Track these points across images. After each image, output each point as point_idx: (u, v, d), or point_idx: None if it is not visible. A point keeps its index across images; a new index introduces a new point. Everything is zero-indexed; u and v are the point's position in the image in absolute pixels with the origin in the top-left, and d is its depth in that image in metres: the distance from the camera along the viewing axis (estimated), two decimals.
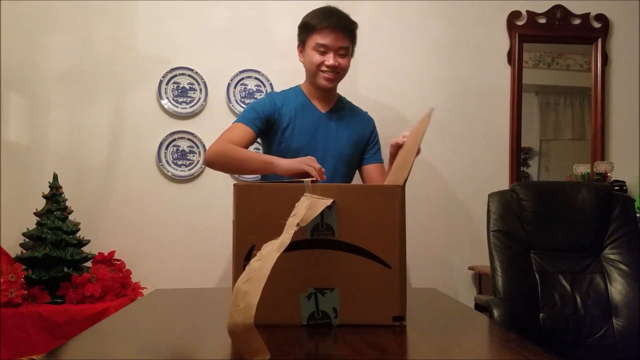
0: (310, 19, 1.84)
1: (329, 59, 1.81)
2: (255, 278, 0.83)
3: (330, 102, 1.96)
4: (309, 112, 1.90)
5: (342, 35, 1.81)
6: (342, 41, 1.82)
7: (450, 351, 0.95)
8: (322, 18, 1.81)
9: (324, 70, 1.83)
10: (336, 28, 1.80)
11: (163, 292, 1.58)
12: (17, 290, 2.01)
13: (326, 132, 1.90)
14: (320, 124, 1.90)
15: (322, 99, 1.93)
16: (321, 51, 1.81)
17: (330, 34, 1.79)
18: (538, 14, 2.69)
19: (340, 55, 1.83)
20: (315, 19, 1.81)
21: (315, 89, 1.91)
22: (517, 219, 1.85)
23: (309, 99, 1.92)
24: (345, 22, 1.83)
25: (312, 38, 1.82)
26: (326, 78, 1.84)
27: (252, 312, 0.79)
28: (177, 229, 2.51)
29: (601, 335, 1.71)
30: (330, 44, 1.80)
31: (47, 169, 2.35)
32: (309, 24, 1.83)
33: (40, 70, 2.49)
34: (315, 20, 1.81)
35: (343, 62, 1.84)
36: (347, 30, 1.83)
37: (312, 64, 1.83)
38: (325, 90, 1.90)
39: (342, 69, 1.85)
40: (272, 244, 0.90)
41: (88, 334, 1.03)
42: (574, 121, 2.80)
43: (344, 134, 1.93)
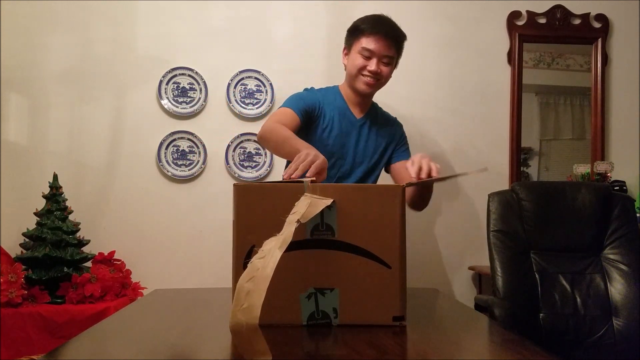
0: (362, 23, 1.84)
1: (372, 64, 1.80)
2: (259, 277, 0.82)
3: (365, 108, 1.95)
4: (346, 117, 1.90)
5: (389, 43, 1.81)
6: (388, 50, 1.81)
7: (450, 351, 0.95)
8: (373, 24, 1.81)
9: (365, 74, 1.82)
10: (384, 36, 1.80)
11: (163, 292, 1.58)
12: (17, 290, 2.01)
13: (358, 139, 1.90)
14: (354, 130, 1.90)
15: (358, 104, 1.93)
16: (366, 56, 1.80)
17: (377, 41, 1.79)
18: (538, 14, 2.69)
19: (383, 63, 1.82)
20: (366, 24, 1.82)
21: (353, 93, 1.91)
22: (517, 219, 1.85)
23: (347, 103, 1.92)
24: (394, 32, 1.83)
25: (359, 41, 1.82)
26: (366, 82, 1.83)
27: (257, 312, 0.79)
28: (177, 229, 2.51)
29: (601, 335, 1.71)
30: (375, 50, 1.79)
31: (47, 169, 2.35)
32: (359, 27, 1.83)
33: (40, 70, 2.49)
34: (366, 25, 1.81)
35: (385, 70, 1.83)
36: (395, 40, 1.83)
37: (355, 66, 1.83)
38: (363, 96, 1.90)
39: (383, 76, 1.84)
40: (274, 240, 0.90)
41: (88, 334, 1.03)
42: (574, 121, 2.80)
43: (373, 142, 1.93)
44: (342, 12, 2.61)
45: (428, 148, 2.62)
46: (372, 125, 1.95)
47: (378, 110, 2.03)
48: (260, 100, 2.56)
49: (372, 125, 1.95)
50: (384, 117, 2.03)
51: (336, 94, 1.94)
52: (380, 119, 2.00)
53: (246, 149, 2.55)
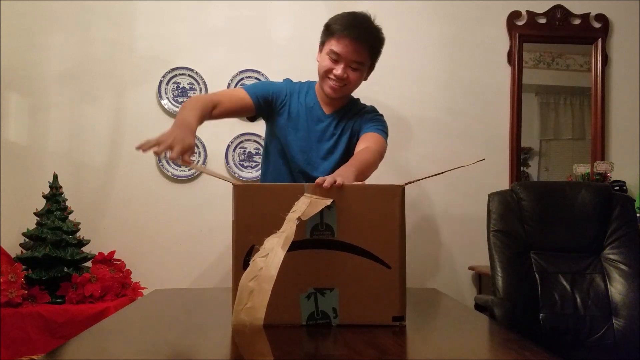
0: (334, 22, 1.72)
1: (338, 68, 1.69)
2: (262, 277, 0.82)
3: (337, 105, 1.87)
4: (313, 112, 1.84)
5: (359, 48, 1.68)
6: (357, 55, 1.69)
7: (450, 351, 0.95)
8: (344, 26, 1.68)
9: (330, 78, 1.73)
10: (355, 40, 1.67)
11: (163, 292, 1.58)
12: (17, 290, 2.00)
13: (323, 133, 1.84)
14: (320, 125, 1.84)
15: (328, 102, 1.86)
16: (333, 59, 1.69)
17: (347, 45, 1.67)
18: (538, 14, 2.69)
19: (352, 68, 1.70)
20: (338, 25, 1.69)
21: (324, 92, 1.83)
22: (517, 219, 1.85)
23: (317, 99, 1.86)
24: (367, 36, 1.70)
25: (329, 42, 1.72)
26: (331, 86, 1.74)
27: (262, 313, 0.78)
28: (177, 229, 2.51)
29: (601, 335, 1.72)
30: (343, 54, 1.68)
31: (47, 169, 2.35)
32: (331, 27, 1.72)
33: (40, 70, 2.49)
34: (337, 26, 1.69)
35: (353, 76, 1.72)
36: (367, 45, 1.70)
37: (322, 68, 1.74)
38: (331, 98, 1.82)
39: (349, 82, 1.73)
40: (275, 238, 0.89)
41: (88, 334, 1.03)
42: (574, 121, 2.80)
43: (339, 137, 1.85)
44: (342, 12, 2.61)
45: (428, 148, 2.63)
46: (342, 120, 1.85)
47: (357, 105, 1.91)
48: None
49: (342, 121, 1.85)
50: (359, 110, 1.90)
51: (310, 89, 1.87)
52: (354, 113, 1.88)
53: (246, 149, 2.55)
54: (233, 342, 0.97)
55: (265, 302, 0.79)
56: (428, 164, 2.57)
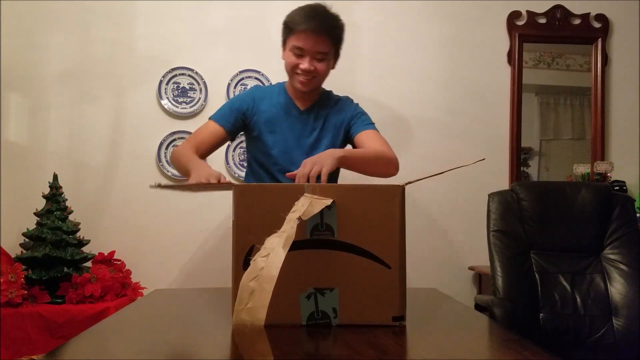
0: (291, 19, 1.74)
1: (304, 62, 1.71)
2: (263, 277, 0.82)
3: (311, 99, 1.87)
4: (288, 111, 1.84)
5: (321, 39, 1.70)
6: (320, 45, 1.70)
7: (450, 351, 0.95)
8: (301, 19, 1.69)
9: (298, 73, 1.74)
10: (315, 31, 1.68)
11: (163, 292, 1.58)
12: (17, 290, 2.00)
13: (302, 130, 1.83)
14: (297, 123, 1.83)
15: (302, 96, 1.85)
16: (297, 54, 1.71)
17: (307, 38, 1.69)
18: (538, 14, 2.69)
19: (317, 59, 1.72)
20: (296, 20, 1.71)
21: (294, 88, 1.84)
22: (517, 219, 1.85)
23: (290, 97, 1.86)
24: (326, 26, 1.71)
25: (290, 39, 1.73)
26: (300, 81, 1.75)
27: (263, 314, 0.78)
28: (177, 229, 2.51)
29: (601, 335, 1.71)
30: (306, 47, 1.70)
31: (47, 169, 2.35)
32: (289, 24, 1.74)
33: (40, 70, 2.49)
34: (295, 22, 1.71)
35: (320, 67, 1.73)
36: (327, 34, 1.71)
37: (288, 65, 1.76)
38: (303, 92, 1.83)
39: (318, 73, 1.74)
40: (276, 238, 0.89)
41: (88, 334, 1.03)
42: (574, 121, 2.80)
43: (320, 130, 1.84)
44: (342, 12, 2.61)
45: (428, 148, 2.63)
46: (320, 114, 1.85)
47: (332, 98, 1.91)
48: None
49: (319, 114, 1.85)
50: (334, 102, 1.91)
51: (280, 90, 1.88)
52: (330, 104, 1.88)
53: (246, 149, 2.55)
54: (233, 342, 0.97)
55: (266, 302, 0.79)
56: (428, 164, 2.57)
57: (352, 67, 2.62)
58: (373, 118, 2.26)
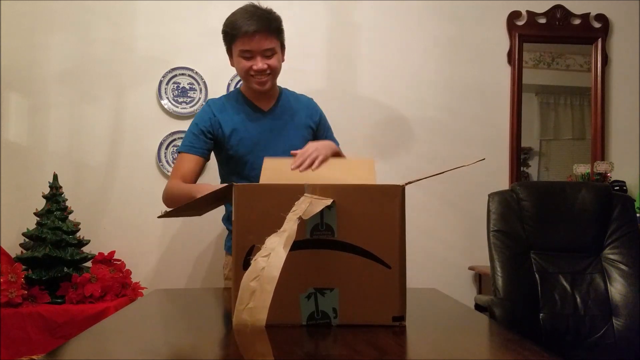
0: (230, 28, 1.77)
1: (256, 63, 1.74)
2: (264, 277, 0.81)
3: (272, 98, 1.89)
4: (250, 115, 1.84)
5: (264, 36, 1.73)
6: (265, 43, 1.74)
7: (450, 351, 0.95)
8: (240, 24, 1.72)
9: (253, 74, 1.77)
10: (256, 32, 1.71)
11: (163, 292, 1.58)
12: (17, 290, 2.00)
13: (271, 130, 1.83)
14: (265, 124, 1.84)
15: (262, 97, 1.87)
16: (247, 57, 1.75)
17: (251, 39, 1.72)
18: (538, 14, 2.69)
19: (267, 56, 1.76)
20: (234, 26, 1.74)
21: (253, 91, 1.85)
22: (517, 219, 1.85)
23: (250, 100, 1.87)
24: (264, 24, 1.73)
25: (235, 45, 1.76)
26: (258, 82, 1.78)
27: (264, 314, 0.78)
28: (177, 229, 2.51)
29: (601, 335, 1.71)
30: (254, 49, 1.73)
31: (47, 169, 2.35)
32: (230, 32, 1.77)
33: (40, 70, 2.49)
34: (235, 28, 1.74)
35: (272, 63, 1.77)
36: (269, 30, 1.74)
37: (242, 69, 1.78)
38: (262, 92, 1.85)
39: (272, 69, 1.78)
40: (276, 237, 0.89)
41: (88, 334, 1.03)
42: (574, 121, 2.80)
43: (292, 127, 1.86)
44: (342, 12, 2.62)
45: (428, 148, 2.63)
46: (283, 114, 1.87)
47: (290, 96, 1.94)
48: None
49: (282, 114, 1.87)
50: (296, 99, 1.95)
51: (237, 95, 1.89)
52: (292, 104, 1.91)
53: None
54: (233, 342, 0.97)
55: (267, 302, 0.79)
56: (428, 164, 2.58)
57: (352, 67, 2.62)
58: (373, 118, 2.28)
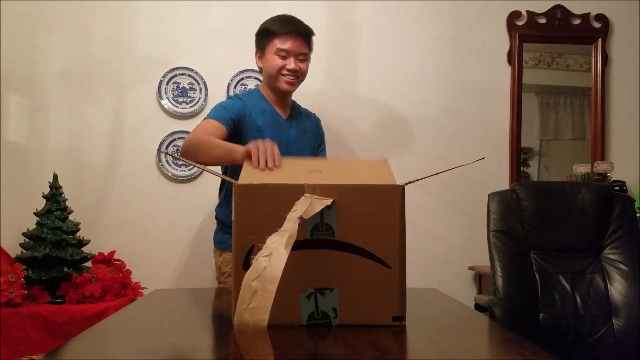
0: (271, 25, 1.89)
1: (290, 63, 1.86)
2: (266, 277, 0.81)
3: (288, 107, 1.99)
4: (274, 118, 1.92)
5: (301, 41, 1.88)
6: (301, 47, 1.88)
7: (450, 351, 0.95)
8: (282, 24, 1.88)
9: (284, 74, 1.87)
10: (296, 34, 1.86)
11: (163, 292, 1.58)
12: (17, 290, 2.00)
13: (288, 139, 1.91)
14: (283, 131, 1.92)
15: (281, 104, 1.96)
16: (282, 56, 1.86)
17: (290, 40, 1.86)
18: (538, 14, 2.69)
19: (299, 60, 1.89)
20: (276, 25, 1.88)
21: (275, 94, 1.93)
22: (517, 219, 1.85)
23: (271, 105, 1.94)
24: (304, 29, 1.90)
25: (272, 43, 1.87)
26: (287, 82, 1.88)
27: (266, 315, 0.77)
28: (177, 229, 2.51)
29: (601, 335, 1.71)
30: (291, 49, 1.86)
31: (47, 169, 2.35)
32: (270, 29, 1.88)
33: (40, 70, 2.49)
34: (276, 26, 1.87)
35: (303, 67, 1.90)
36: (306, 36, 1.90)
37: (274, 67, 1.87)
38: (284, 95, 1.94)
39: (302, 73, 1.90)
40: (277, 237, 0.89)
41: (88, 334, 1.03)
42: (574, 121, 2.80)
43: (302, 140, 1.97)
44: (342, 12, 2.62)
45: (428, 148, 2.62)
46: (298, 123, 1.99)
47: (300, 108, 2.07)
48: None
49: (298, 125, 1.99)
50: (305, 113, 2.08)
51: (259, 96, 1.95)
52: (303, 117, 2.05)
53: None
54: (233, 342, 0.97)
55: (269, 303, 0.78)
56: (428, 164, 2.57)
57: (352, 67, 2.62)
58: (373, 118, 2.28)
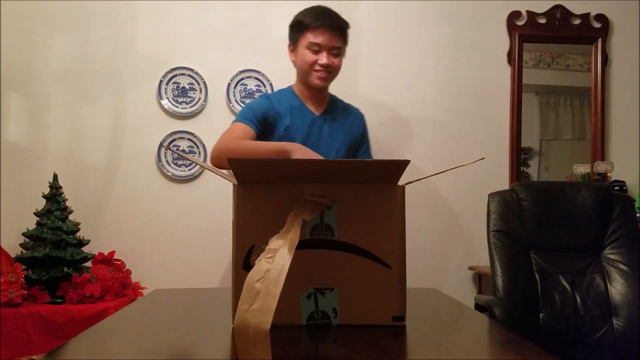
0: (304, 17, 1.81)
1: (322, 57, 1.78)
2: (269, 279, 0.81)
3: (323, 103, 1.92)
4: (303, 115, 1.86)
5: (335, 34, 1.79)
6: (335, 41, 1.79)
7: (450, 351, 0.95)
8: (315, 17, 1.78)
9: (317, 69, 1.80)
10: (329, 27, 1.78)
11: (163, 292, 1.58)
12: (17, 290, 2.00)
13: (319, 135, 1.86)
14: (314, 127, 1.86)
15: (314, 100, 1.89)
16: (314, 50, 1.79)
17: (323, 33, 1.77)
18: (538, 14, 2.69)
19: (333, 54, 1.81)
20: (309, 18, 1.79)
21: (307, 89, 1.88)
22: (517, 219, 1.85)
23: (302, 101, 1.89)
24: (338, 22, 1.81)
25: (305, 37, 1.79)
26: (319, 77, 1.81)
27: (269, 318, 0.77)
28: (177, 229, 2.51)
29: (601, 335, 1.71)
30: (323, 43, 1.78)
31: (47, 169, 2.35)
32: (302, 22, 1.80)
33: (40, 70, 2.49)
34: (309, 19, 1.79)
35: (336, 62, 1.82)
36: (340, 30, 1.81)
37: (305, 62, 1.80)
38: (318, 91, 1.87)
39: (334, 68, 1.83)
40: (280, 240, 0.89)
41: (88, 334, 1.02)
42: (574, 121, 2.80)
43: (337, 137, 1.89)
44: (342, 12, 2.61)
45: (427, 148, 2.63)
46: (333, 120, 1.91)
47: (338, 103, 1.98)
48: None
49: (332, 121, 1.90)
50: (345, 109, 1.99)
51: (291, 94, 1.91)
52: (340, 112, 1.95)
53: None
54: (233, 342, 0.97)
55: (273, 306, 0.78)
56: (428, 164, 2.57)
57: (352, 67, 2.62)
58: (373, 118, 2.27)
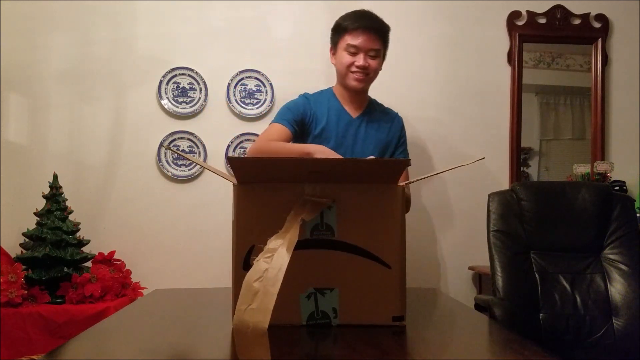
0: (343, 20, 1.86)
1: (359, 59, 1.82)
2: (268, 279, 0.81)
3: (361, 105, 1.95)
4: (340, 117, 1.90)
5: (373, 37, 1.82)
6: (372, 43, 1.83)
7: (450, 351, 0.95)
8: (354, 20, 1.83)
9: (353, 71, 1.84)
10: (367, 29, 1.81)
11: (163, 292, 1.58)
12: (17, 290, 2.00)
13: (355, 137, 1.90)
14: (350, 129, 1.90)
15: (353, 102, 1.93)
16: (352, 52, 1.82)
17: (361, 35, 1.81)
18: (538, 14, 2.69)
19: (370, 56, 1.83)
20: (347, 21, 1.84)
21: (346, 91, 1.91)
22: (517, 219, 1.85)
23: (341, 103, 1.92)
24: (376, 24, 1.85)
25: (343, 39, 1.84)
26: (356, 79, 1.85)
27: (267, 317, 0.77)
28: (177, 229, 2.51)
29: (601, 335, 1.72)
30: (360, 45, 1.81)
31: (47, 169, 2.35)
32: (341, 25, 1.85)
33: (40, 70, 2.49)
34: (347, 22, 1.83)
35: (373, 64, 1.84)
36: (378, 32, 1.84)
37: (343, 64, 1.84)
38: (356, 93, 1.91)
39: (372, 70, 1.85)
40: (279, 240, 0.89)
41: (88, 334, 1.03)
42: (574, 121, 2.80)
43: (372, 140, 1.93)
44: (341, 12, 2.61)
45: (427, 148, 2.63)
46: (370, 123, 1.94)
47: (377, 106, 2.02)
48: (260, 100, 2.56)
49: (369, 123, 1.94)
50: (383, 112, 2.02)
51: (330, 95, 1.94)
52: (378, 115, 1.99)
53: (246, 149, 2.55)
54: (233, 342, 0.97)
55: (270, 305, 0.78)
56: (428, 164, 2.58)
57: None
58: None
